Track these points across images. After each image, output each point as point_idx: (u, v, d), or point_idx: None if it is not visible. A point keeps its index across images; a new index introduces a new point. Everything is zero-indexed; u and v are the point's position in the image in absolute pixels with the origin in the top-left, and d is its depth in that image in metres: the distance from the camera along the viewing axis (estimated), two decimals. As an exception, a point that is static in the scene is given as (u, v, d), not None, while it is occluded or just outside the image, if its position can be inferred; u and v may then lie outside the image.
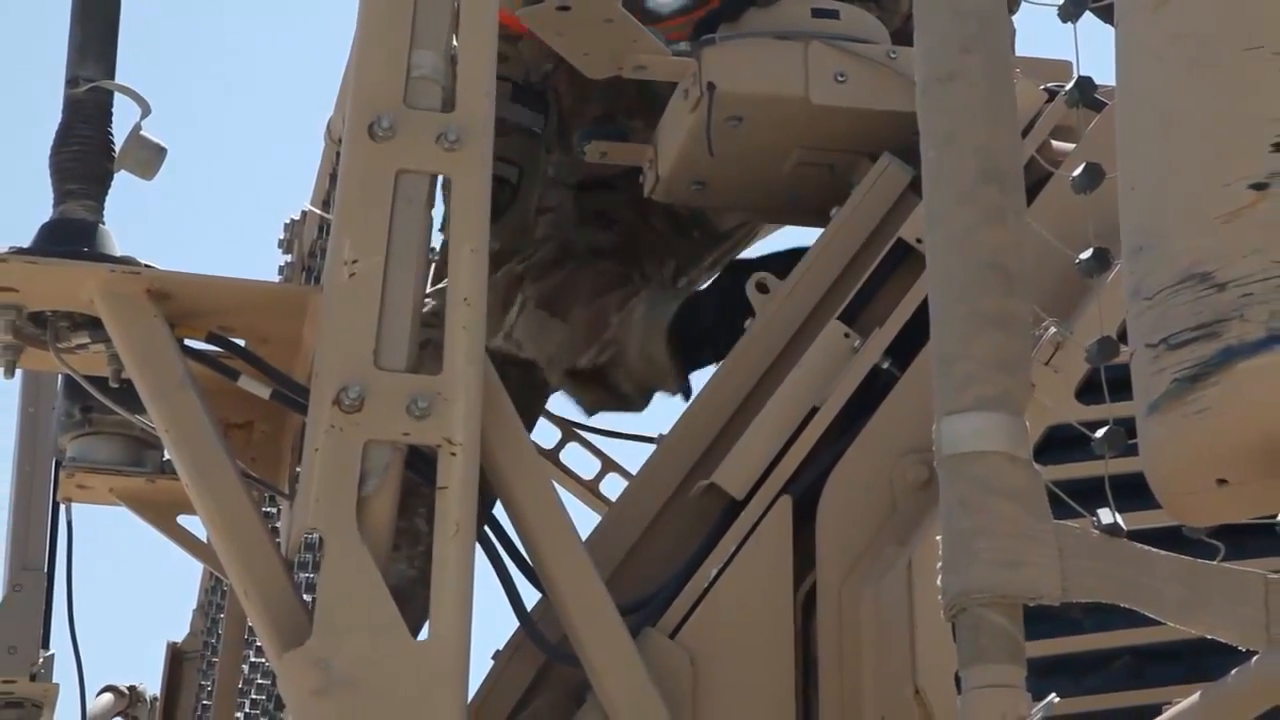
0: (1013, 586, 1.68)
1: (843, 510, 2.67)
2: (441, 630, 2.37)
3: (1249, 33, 1.60)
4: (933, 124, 1.83)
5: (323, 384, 2.41)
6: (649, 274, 3.80)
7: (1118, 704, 2.26)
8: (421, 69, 2.49)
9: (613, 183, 3.63)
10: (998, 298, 1.77)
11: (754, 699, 2.59)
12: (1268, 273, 1.55)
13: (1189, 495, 1.65)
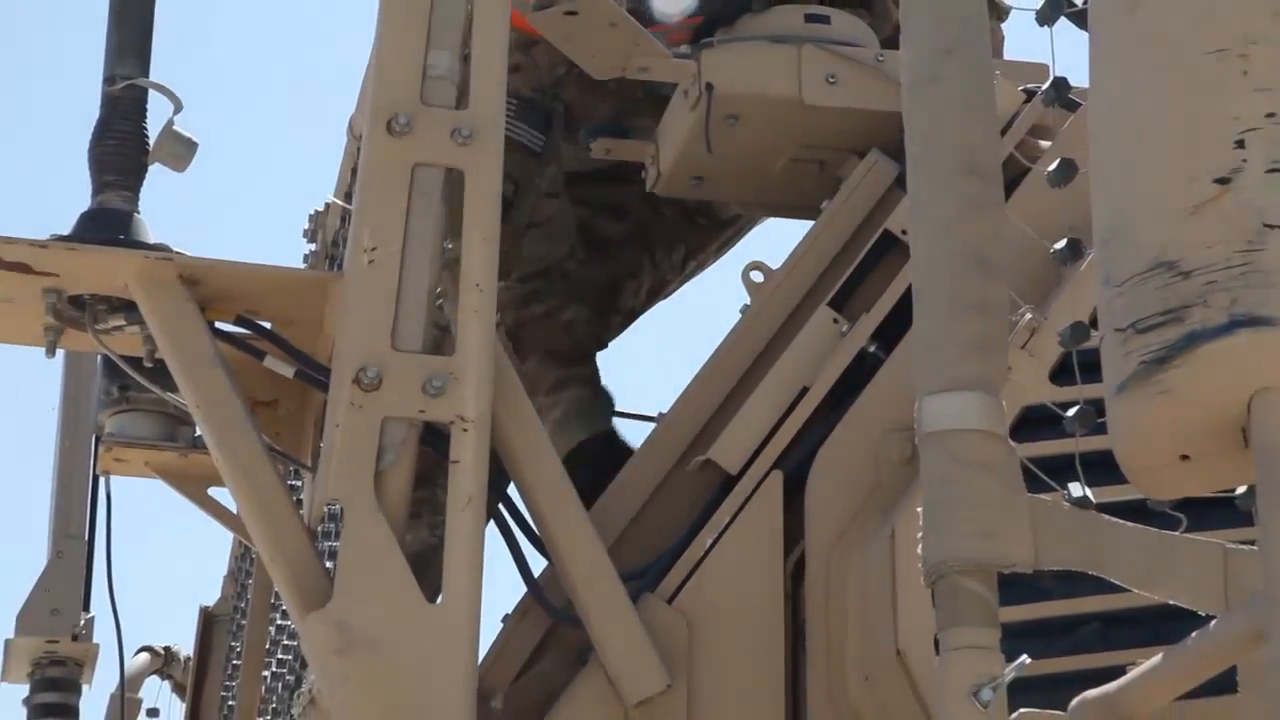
0: (988, 555, 1.69)
1: (830, 484, 2.67)
2: (454, 594, 2.37)
3: (1213, 37, 1.61)
4: (917, 122, 1.83)
5: (343, 364, 2.42)
6: (659, 260, 3.82)
7: (1086, 666, 2.26)
8: (437, 69, 2.50)
9: (625, 176, 3.63)
10: (977, 285, 1.77)
11: (746, 660, 2.59)
12: (1230, 262, 1.56)
13: (1154, 470, 1.65)
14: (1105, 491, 1.98)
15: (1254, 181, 1.57)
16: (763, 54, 3.04)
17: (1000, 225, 1.83)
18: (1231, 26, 1.60)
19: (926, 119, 1.82)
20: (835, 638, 2.59)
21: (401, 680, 2.33)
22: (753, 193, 3.22)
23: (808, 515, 2.67)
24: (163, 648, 6.03)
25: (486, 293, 2.45)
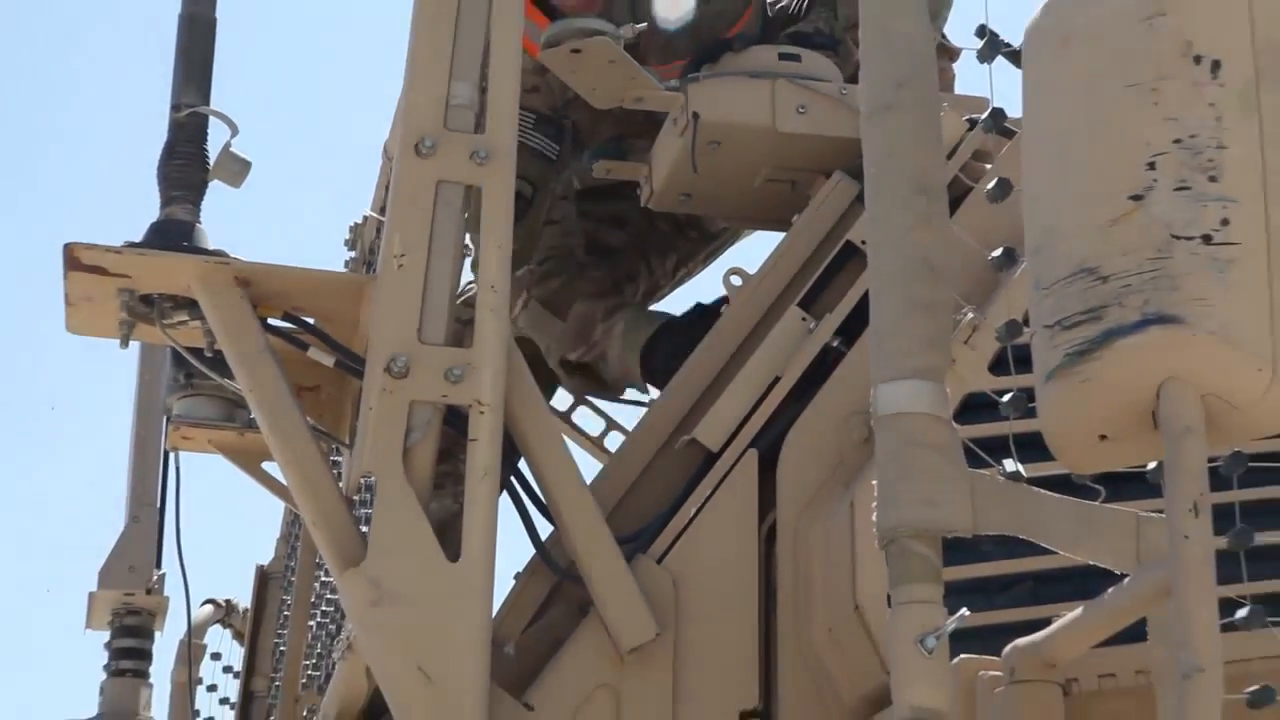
0: (933, 522, 1.69)
1: (799, 461, 2.67)
2: (472, 554, 2.37)
3: (1128, 73, 1.61)
4: (874, 147, 1.83)
5: (376, 355, 2.42)
6: (654, 266, 3.82)
7: (1019, 618, 2.25)
8: (458, 98, 2.50)
9: (625, 193, 3.63)
10: (925, 288, 1.77)
11: (725, 613, 2.59)
12: (1142, 268, 1.57)
13: (1077, 449, 1.67)
14: (1035, 467, 1.98)
15: (1163, 198, 1.57)
16: (742, 87, 3.04)
17: (946, 236, 1.83)
18: (1144, 65, 1.60)
19: (882, 144, 1.82)
20: (802, 594, 2.58)
21: (426, 629, 2.34)
22: (733, 207, 3.22)
23: (779, 487, 2.67)
24: (224, 600, 6.04)
25: (500, 293, 2.45)
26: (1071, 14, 1.69)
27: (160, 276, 2.67)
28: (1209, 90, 1.57)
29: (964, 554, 2.29)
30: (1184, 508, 1.54)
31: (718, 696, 2.54)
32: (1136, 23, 1.61)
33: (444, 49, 2.52)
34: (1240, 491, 2.23)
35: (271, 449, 2.59)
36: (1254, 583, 2.26)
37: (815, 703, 2.52)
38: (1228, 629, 1.73)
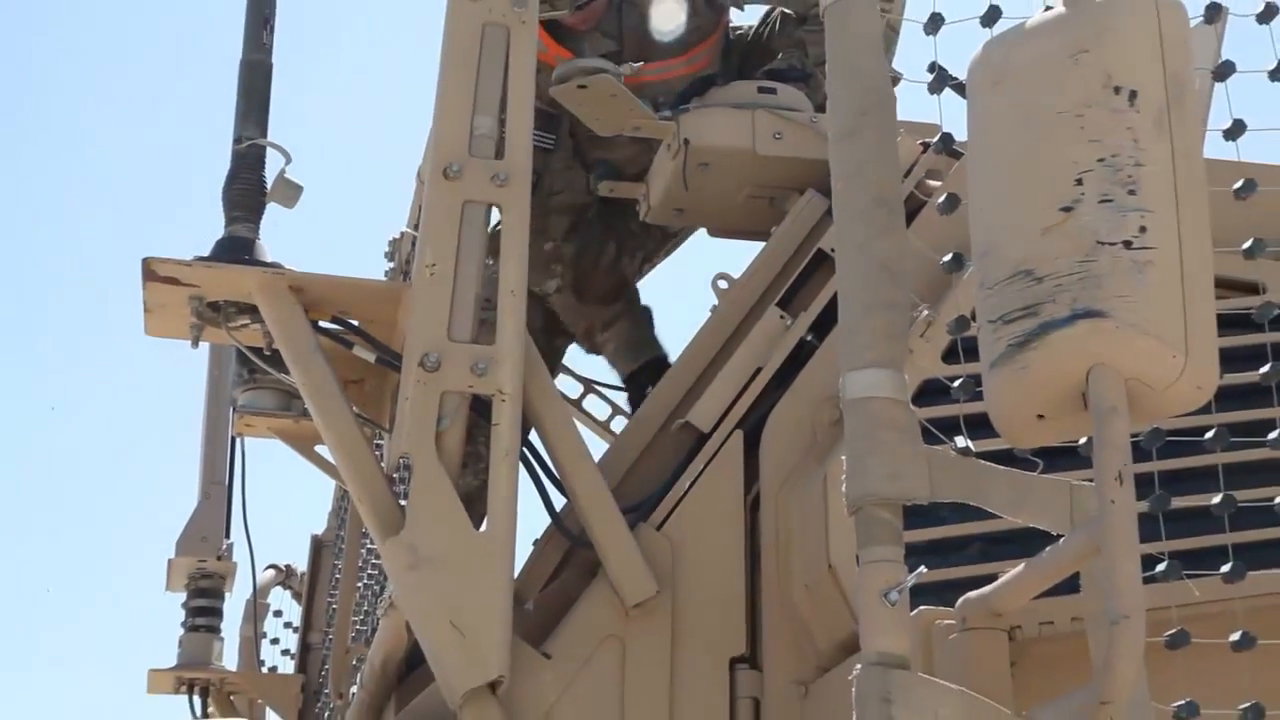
0: (894, 492, 1.69)
1: (779, 440, 2.66)
2: (495, 524, 2.38)
3: (1057, 102, 1.62)
4: (840, 166, 1.83)
5: (412, 351, 2.42)
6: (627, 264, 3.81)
7: (971, 575, 2.26)
8: (481, 129, 2.51)
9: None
10: (886, 289, 1.77)
11: (715, 574, 2.59)
12: (1072, 270, 1.58)
13: (1017, 427, 1.67)
14: (983, 443, 1.98)
15: (1089, 210, 1.57)
16: (726, 117, 3.03)
17: (903, 244, 1.82)
18: (1071, 95, 1.60)
19: (847, 165, 1.82)
20: (783, 556, 2.58)
21: (456, 589, 2.34)
22: (719, 220, 3.22)
23: (762, 464, 2.67)
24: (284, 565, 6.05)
25: (519, 297, 2.46)
26: (1008, 52, 1.69)
27: (225, 286, 2.68)
28: (1127, 116, 1.58)
29: (923, 519, 2.31)
30: (1110, 476, 1.54)
31: (710, 645, 2.54)
32: (1064, 59, 1.62)
33: (468, 88, 2.52)
34: (1158, 462, 2.25)
35: (322, 434, 2.59)
36: (1171, 541, 2.27)
37: (795, 649, 2.53)
38: (1149, 581, 1.73)
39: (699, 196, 3.07)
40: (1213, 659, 1.96)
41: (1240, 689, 1.90)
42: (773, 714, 2.50)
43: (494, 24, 2.54)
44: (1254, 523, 2.35)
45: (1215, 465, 2.30)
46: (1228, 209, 2.06)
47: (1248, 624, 1.96)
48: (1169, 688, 1.85)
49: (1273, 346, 2.31)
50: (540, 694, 2.45)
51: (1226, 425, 2.14)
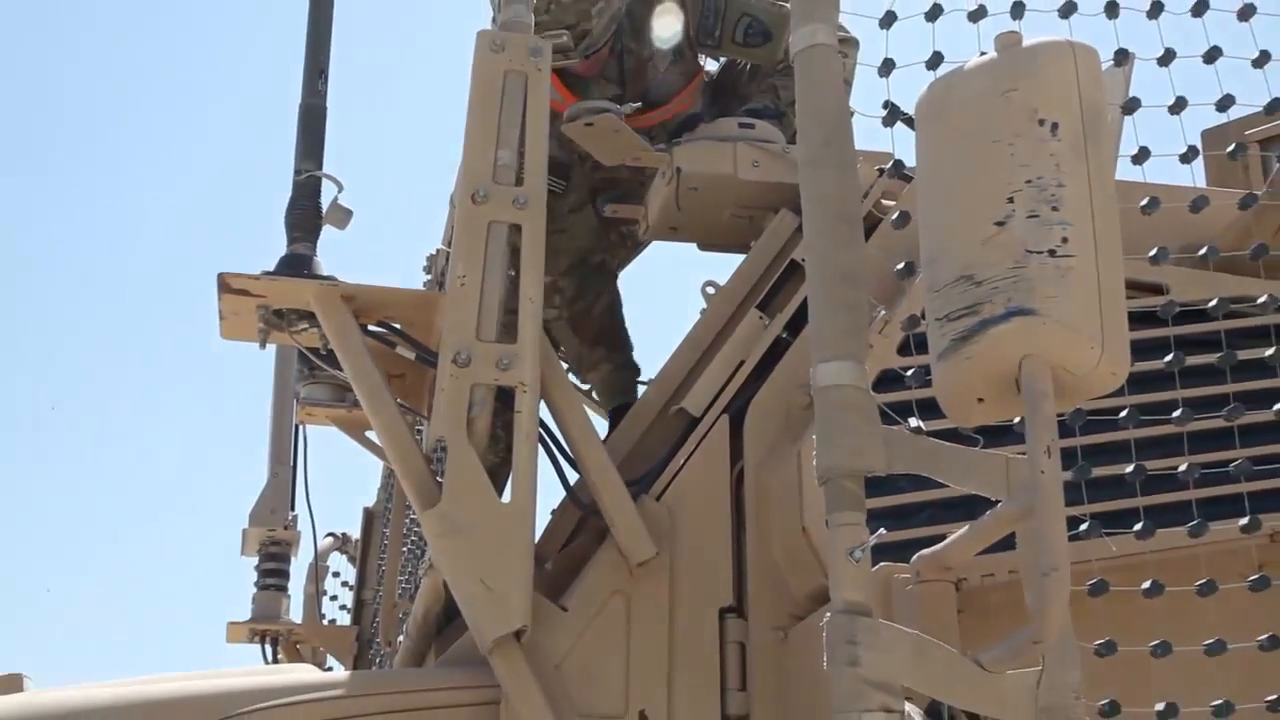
0: (857, 465, 1.69)
1: (760, 423, 2.66)
2: (518, 496, 2.37)
3: (990, 133, 1.63)
4: (808, 189, 1.83)
5: (446, 350, 2.41)
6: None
7: (923, 535, 2.26)
8: (503, 160, 2.50)
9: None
10: (848, 293, 1.77)
11: (707, 538, 2.58)
12: (1006, 275, 1.58)
13: (961, 409, 1.67)
14: (932, 424, 1.99)
15: (1019, 224, 1.58)
16: (712, 148, 3.03)
17: (863, 255, 1.82)
18: (1002, 127, 1.61)
19: (814, 188, 1.82)
20: (763, 521, 2.57)
21: (485, 552, 2.33)
22: (707, 236, 3.20)
23: (745, 443, 2.65)
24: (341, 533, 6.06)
25: (536, 303, 2.44)
26: (948, 91, 1.70)
27: (288, 296, 2.67)
28: (1050, 144, 1.59)
29: (883, 488, 2.30)
30: (1040, 450, 1.56)
31: (702, 597, 2.54)
32: (996, 97, 1.63)
33: (492, 125, 2.51)
34: (1081, 438, 2.25)
35: (371, 421, 2.58)
36: (1091, 504, 2.28)
37: (774, 600, 2.52)
38: (1074, 539, 1.74)
39: (690, 216, 3.07)
40: (1128, 604, 1.97)
41: (1150, 629, 1.92)
42: (756, 656, 2.50)
43: (514, 71, 2.54)
44: (1161, 488, 2.36)
45: (1128, 440, 2.32)
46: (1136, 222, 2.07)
47: (1156, 574, 1.98)
48: (1091, 628, 1.86)
49: (1175, 338, 2.33)
50: (558, 641, 2.44)
51: (1137, 406, 2.16)
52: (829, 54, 1.85)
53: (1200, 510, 2.27)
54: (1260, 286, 2.49)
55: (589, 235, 3.63)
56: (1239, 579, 2.00)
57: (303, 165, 2.84)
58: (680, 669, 2.48)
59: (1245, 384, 2.47)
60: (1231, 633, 1.93)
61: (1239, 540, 2.27)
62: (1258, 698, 1.91)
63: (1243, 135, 3.72)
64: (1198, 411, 2.25)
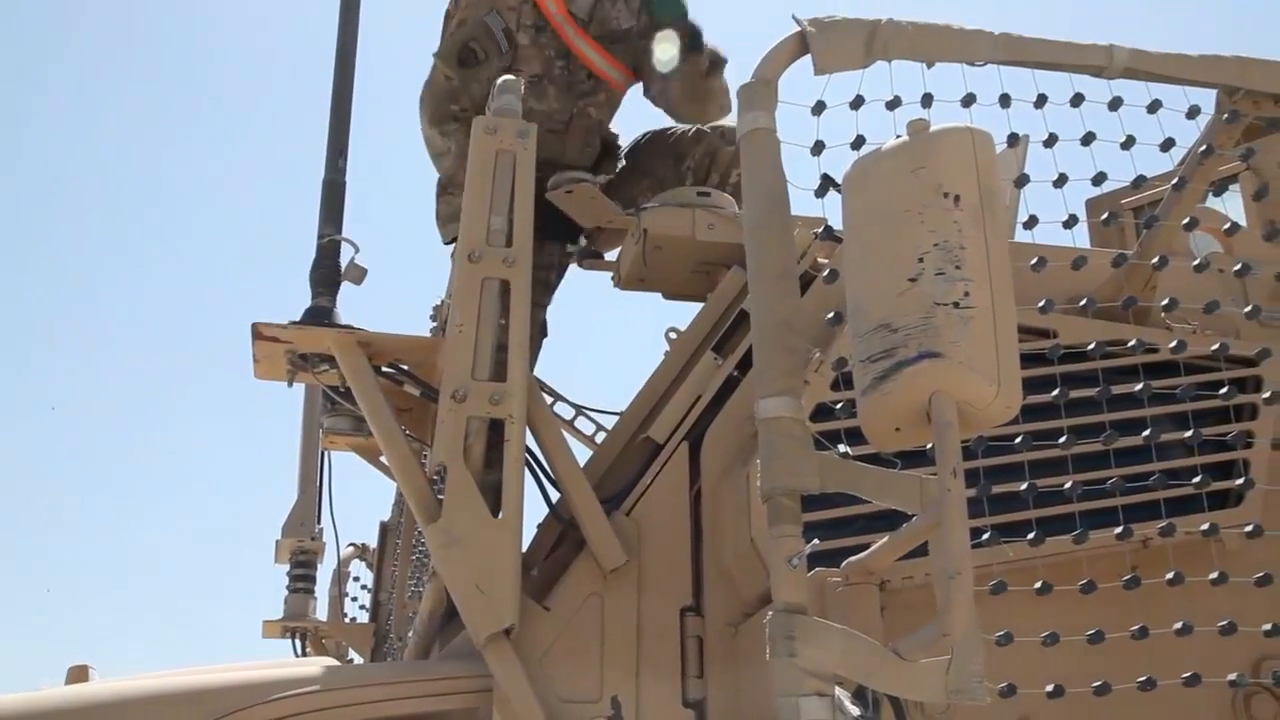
0: (794, 485, 1.69)
1: (715, 448, 2.65)
2: (507, 512, 2.35)
3: (904, 203, 1.62)
4: (753, 250, 1.82)
5: (446, 387, 2.39)
6: None
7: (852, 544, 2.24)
8: (495, 225, 2.49)
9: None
10: (787, 338, 1.76)
11: (670, 547, 2.57)
12: (917, 323, 1.58)
13: (881, 437, 1.66)
14: (858, 449, 1.99)
15: (929, 280, 1.58)
16: (674, 213, 3.03)
17: (799, 306, 1.83)
18: (913, 198, 1.61)
19: (758, 248, 1.82)
20: (718, 533, 2.57)
21: (479, 560, 2.31)
22: (670, 288, 3.19)
23: (703, 465, 2.65)
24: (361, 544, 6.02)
25: (523, 348, 2.43)
26: (869, 168, 1.70)
27: (311, 342, 2.65)
28: (953, 213, 1.59)
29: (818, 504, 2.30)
30: (947, 471, 1.55)
31: (666, 598, 2.52)
32: (908, 173, 1.63)
33: (486, 196, 2.50)
34: (981, 461, 2.26)
35: (382, 448, 2.56)
36: (991, 517, 2.28)
37: (727, 601, 2.51)
38: (976, 546, 1.74)
39: (655, 271, 3.07)
40: (1022, 601, 1.97)
41: (1042, 623, 1.92)
42: (712, 648, 2.48)
43: (504, 150, 2.54)
44: (1049, 503, 2.36)
45: (1022, 462, 2.32)
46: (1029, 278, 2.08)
47: (1046, 576, 1.98)
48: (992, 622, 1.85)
49: (1060, 376, 2.34)
50: (542, 636, 2.43)
51: (1029, 433, 2.17)
52: (769, 136, 1.85)
53: (1082, 521, 2.28)
54: (1131, 332, 2.51)
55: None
56: (1115, 579, 2.00)
57: (325, 231, 2.83)
58: (647, 660, 2.46)
59: (1118, 414, 2.48)
60: (1109, 624, 1.93)
61: (1115, 546, 2.27)
62: (1130, 679, 1.91)
63: (1118, 205, 3.77)
64: (1080, 438, 2.27)
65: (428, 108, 3.42)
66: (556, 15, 3.49)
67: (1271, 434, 2.52)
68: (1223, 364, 2.56)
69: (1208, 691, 1.99)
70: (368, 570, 5.88)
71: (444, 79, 3.41)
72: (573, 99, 3.55)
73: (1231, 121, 2.29)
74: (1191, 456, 2.46)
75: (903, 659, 1.57)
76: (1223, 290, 2.64)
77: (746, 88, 1.87)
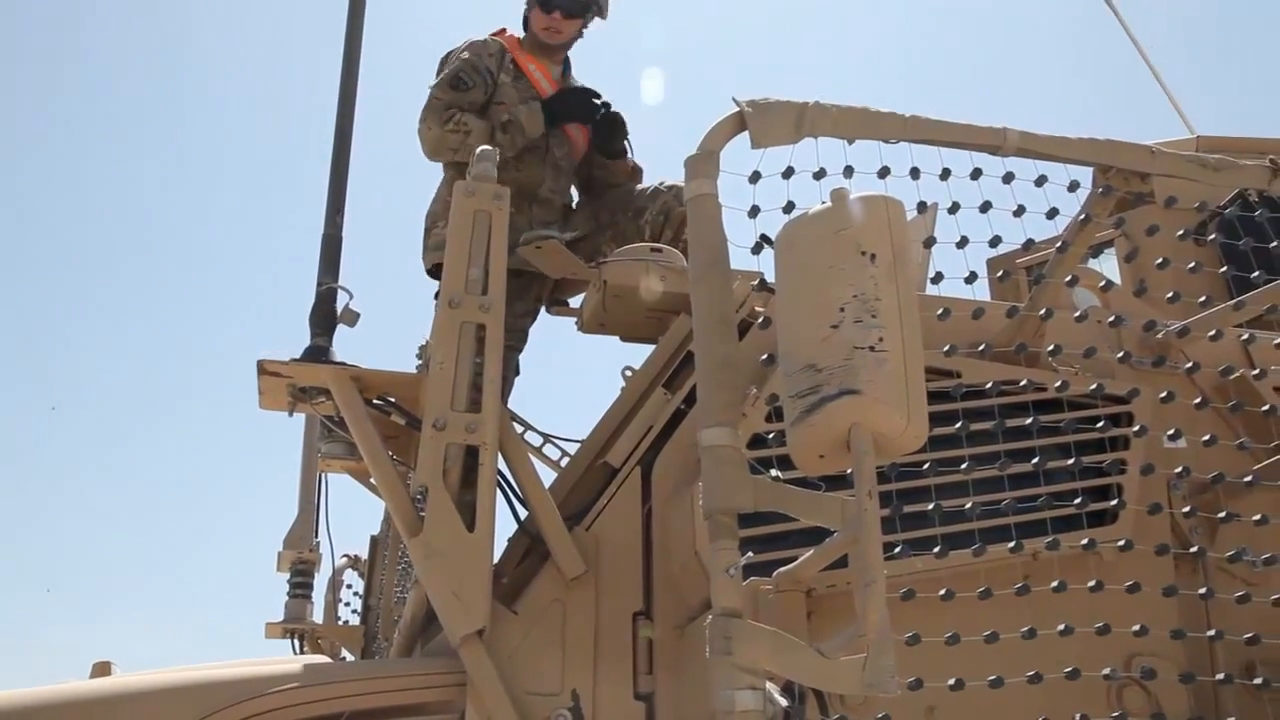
0: (731, 503, 1.66)
1: (665, 472, 2.63)
2: (480, 527, 2.32)
3: (827, 260, 1.62)
4: (697, 300, 1.81)
5: (427, 417, 2.37)
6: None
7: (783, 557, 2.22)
8: (473, 275, 2.48)
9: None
10: (727, 376, 1.74)
11: (623, 558, 2.54)
12: (838, 364, 1.57)
13: (807, 463, 1.65)
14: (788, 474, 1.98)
15: (849, 326, 1.57)
16: (631, 266, 3.01)
17: (737, 348, 1.81)
18: (835, 256, 1.61)
19: (701, 298, 1.80)
20: (666, 546, 2.54)
21: (456, 570, 2.28)
22: (627, 332, 3.16)
23: (654, 487, 2.63)
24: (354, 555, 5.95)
25: (495, 383, 2.42)
26: (797, 229, 1.70)
27: (310, 377, 2.62)
28: (870, 269, 1.59)
29: (753, 522, 2.29)
30: (864, 493, 1.54)
31: (620, 604, 2.50)
32: (831, 235, 1.63)
33: (465, 250, 2.49)
34: (894, 484, 2.26)
35: (371, 471, 2.53)
36: (902, 533, 2.28)
37: (674, 606, 2.48)
38: (889, 558, 1.73)
39: (614, 316, 3.05)
40: (929, 607, 1.97)
41: (946, 625, 1.91)
42: (661, 649, 2.46)
43: (482, 211, 2.53)
44: (953, 521, 2.36)
45: (929, 485, 2.32)
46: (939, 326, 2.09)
47: (950, 584, 1.98)
48: (903, 625, 1.85)
49: (962, 411, 2.35)
50: (511, 637, 2.39)
51: (935, 460, 2.17)
52: (712, 201, 1.85)
53: (981, 537, 2.28)
54: (1023, 373, 2.53)
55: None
56: (1009, 587, 2.00)
57: (323, 279, 2.80)
58: (603, 658, 2.44)
59: (1012, 444, 2.50)
60: (1004, 626, 1.93)
61: (1008, 559, 2.28)
62: (1021, 674, 1.90)
63: (1012, 264, 3.81)
64: (978, 464, 2.28)
65: (428, 119, 3.54)
66: (532, 69, 3.69)
67: (1141, 462, 2.54)
68: (1099, 402, 2.59)
69: (1086, 684, 1.99)
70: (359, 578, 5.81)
71: (437, 99, 3.56)
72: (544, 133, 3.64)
73: (1106, 195, 2.32)
74: (1073, 481, 2.48)
75: (825, 657, 1.55)
76: (1100, 339, 2.67)
77: (692, 159, 1.87)
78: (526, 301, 3.52)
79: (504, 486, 2.50)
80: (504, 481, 2.49)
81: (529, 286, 3.53)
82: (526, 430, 3.84)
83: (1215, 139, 4.12)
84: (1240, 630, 2.06)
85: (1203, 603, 2.26)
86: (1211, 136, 4.19)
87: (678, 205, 3.59)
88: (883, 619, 1.49)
